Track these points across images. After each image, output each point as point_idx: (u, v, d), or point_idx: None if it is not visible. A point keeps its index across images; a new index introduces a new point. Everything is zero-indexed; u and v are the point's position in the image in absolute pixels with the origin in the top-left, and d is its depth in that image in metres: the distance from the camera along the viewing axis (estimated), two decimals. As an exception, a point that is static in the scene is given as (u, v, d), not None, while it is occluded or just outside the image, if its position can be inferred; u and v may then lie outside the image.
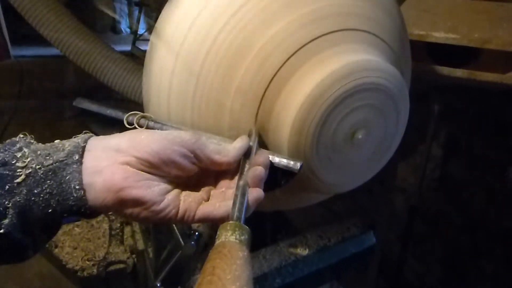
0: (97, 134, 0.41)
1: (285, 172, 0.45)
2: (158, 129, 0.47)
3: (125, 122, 0.50)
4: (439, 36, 0.82)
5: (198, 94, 0.48)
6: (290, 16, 0.46)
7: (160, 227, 0.61)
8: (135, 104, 1.58)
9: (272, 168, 0.45)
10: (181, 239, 0.54)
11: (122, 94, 1.49)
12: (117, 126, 0.52)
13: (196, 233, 0.55)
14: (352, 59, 0.46)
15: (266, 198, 0.57)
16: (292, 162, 0.44)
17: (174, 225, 0.56)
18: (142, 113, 0.51)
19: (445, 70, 0.85)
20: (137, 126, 0.50)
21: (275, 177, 0.46)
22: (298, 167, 0.44)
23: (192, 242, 0.54)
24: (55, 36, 1.34)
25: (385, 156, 0.54)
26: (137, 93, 1.46)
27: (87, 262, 0.91)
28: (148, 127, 0.48)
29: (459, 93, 1.16)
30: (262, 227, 0.71)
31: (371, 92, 0.48)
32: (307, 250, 0.64)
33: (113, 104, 0.54)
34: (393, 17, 0.55)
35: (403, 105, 0.52)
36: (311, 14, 0.46)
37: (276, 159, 0.45)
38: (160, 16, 0.53)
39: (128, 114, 0.51)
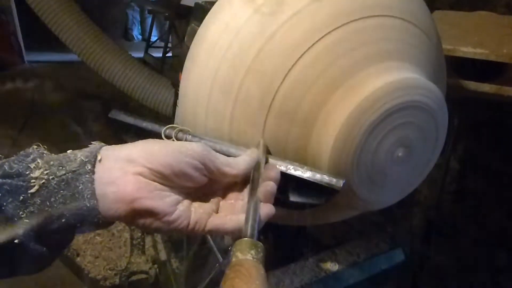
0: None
1: (326, 190, 0.44)
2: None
3: (163, 136, 0.50)
4: (467, 51, 0.81)
5: (237, 110, 0.48)
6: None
7: (194, 240, 0.61)
8: (152, 111, 1.60)
9: (313, 185, 0.45)
10: (219, 255, 0.54)
11: (141, 102, 1.51)
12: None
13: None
14: (393, 77, 0.46)
15: (298, 214, 0.57)
16: (334, 180, 0.44)
17: (211, 240, 0.56)
18: (180, 127, 0.51)
19: (472, 85, 0.85)
20: (175, 140, 0.50)
21: (316, 194, 0.46)
22: (341, 185, 0.43)
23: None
24: (77, 45, 1.36)
25: (423, 173, 0.54)
26: (157, 101, 1.47)
27: (109, 272, 0.91)
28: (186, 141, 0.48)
29: (478, 106, 1.15)
30: (289, 241, 0.71)
31: (412, 110, 0.47)
32: (337, 266, 0.63)
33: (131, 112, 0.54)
34: (427, 12, 0.55)
35: (442, 121, 0.52)
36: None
37: (318, 176, 0.44)
38: (201, 25, 0.53)
39: (166, 127, 0.51)
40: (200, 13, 0.72)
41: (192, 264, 0.62)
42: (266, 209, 0.39)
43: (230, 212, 0.41)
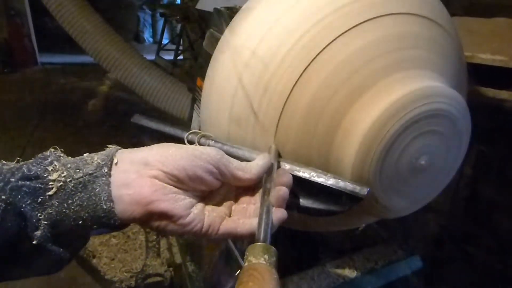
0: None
1: (349, 197, 0.44)
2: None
3: (185, 141, 0.51)
4: (485, 57, 0.81)
5: (261, 114, 0.48)
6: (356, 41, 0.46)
7: (212, 244, 0.62)
8: (166, 114, 1.61)
9: (333, 192, 0.45)
10: (240, 259, 0.54)
11: (155, 105, 1.52)
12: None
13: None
14: (417, 86, 0.46)
15: (313, 219, 0.57)
16: (358, 187, 0.43)
17: (232, 244, 0.56)
18: (203, 133, 0.51)
19: (490, 92, 0.84)
20: (197, 145, 0.50)
21: (337, 201, 0.46)
22: (365, 193, 0.43)
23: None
24: (94, 47, 1.37)
25: (445, 181, 0.54)
26: (172, 104, 1.49)
27: (125, 274, 0.92)
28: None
29: (491, 112, 1.14)
30: (306, 247, 0.71)
31: (436, 118, 0.47)
32: (354, 272, 0.63)
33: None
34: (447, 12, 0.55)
35: (465, 130, 0.51)
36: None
37: (341, 184, 0.44)
38: (225, 31, 0.53)
39: (188, 132, 0.52)
40: (219, 18, 0.72)
41: (210, 268, 0.62)
42: (279, 214, 0.40)
43: (243, 216, 0.41)
